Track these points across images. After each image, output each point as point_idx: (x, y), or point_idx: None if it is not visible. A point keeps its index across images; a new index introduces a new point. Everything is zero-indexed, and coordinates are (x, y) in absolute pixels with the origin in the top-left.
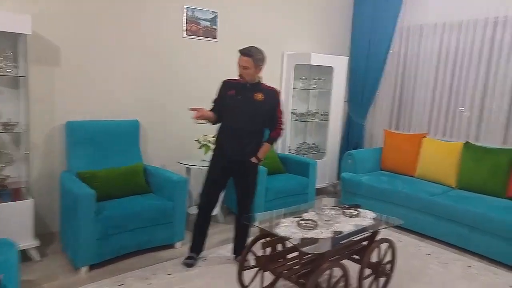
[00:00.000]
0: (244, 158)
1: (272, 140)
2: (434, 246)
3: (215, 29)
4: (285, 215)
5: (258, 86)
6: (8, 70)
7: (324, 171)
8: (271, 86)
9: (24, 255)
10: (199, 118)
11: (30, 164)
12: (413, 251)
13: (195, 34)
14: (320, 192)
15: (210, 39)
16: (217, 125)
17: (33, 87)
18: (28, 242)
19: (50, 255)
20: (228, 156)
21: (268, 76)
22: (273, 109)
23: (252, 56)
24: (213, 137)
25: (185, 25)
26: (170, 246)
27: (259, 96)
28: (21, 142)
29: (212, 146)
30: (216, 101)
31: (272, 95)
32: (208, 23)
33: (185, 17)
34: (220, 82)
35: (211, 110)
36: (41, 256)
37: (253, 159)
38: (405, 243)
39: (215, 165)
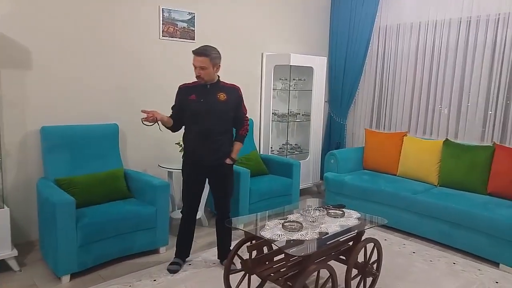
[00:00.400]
0: (219, 161)
1: (242, 138)
2: (419, 244)
3: (193, 30)
4: (270, 217)
5: (218, 85)
6: None
7: (307, 171)
8: (231, 83)
9: (3, 266)
10: (148, 120)
11: (4, 171)
12: (398, 249)
13: (172, 35)
14: (304, 192)
15: (188, 40)
16: (182, 132)
17: (4, 92)
18: (6, 252)
19: (29, 264)
20: (202, 162)
21: (248, 77)
22: (238, 107)
23: (208, 55)
24: (179, 145)
25: (161, 26)
26: (154, 251)
27: (222, 96)
28: None
29: None
30: (175, 108)
31: (235, 92)
32: (185, 24)
33: (161, 18)
34: (177, 88)
35: (169, 117)
36: (20, 266)
37: (228, 161)
38: (390, 242)
39: (190, 172)
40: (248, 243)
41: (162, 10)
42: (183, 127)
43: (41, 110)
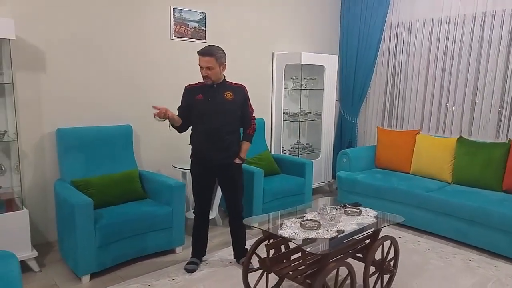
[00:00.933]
0: (228, 161)
1: (250, 137)
2: (433, 241)
3: (204, 30)
4: (286, 216)
5: (225, 84)
6: None
7: (319, 170)
8: (236, 83)
9: (23, 267)
10: (160, 115)
11: (21, 173)
12: (413, 247)
13: (183, 35)
14: (316, 191)
15: (199, 40)
16: (189, 132)
17: (19, 94)
18: (26, 253)
19: (49, 265)
20: (211, 162)
21: (259, 77)
22: (244, 106)
23: (214, 54)
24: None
25: (173, 27)
26: (171, 251)
27: (229, 95)
28: (11, 152)
29: None
30: (182, 109)
31: (241, 92)
32: (196, 24)
33: (172, 18)
34: (183, 89)
35: (178, 117)
36: (40, 267)
37: (237, 160)
38: (404, 240)
39: (200, 173)
40: (266, 242)
41: (173, 10)
42: (190, 128)
43: (56, 112)
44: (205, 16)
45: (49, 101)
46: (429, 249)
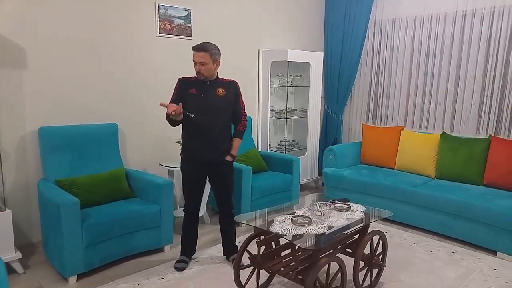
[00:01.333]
0: (220, 158)
1: (241, 134)
2: (418, 235)
3: (189, 27)
4: (277, 213)
5: (217, 81)
6: None
7: (306, 167)
8: (228, 78)
9: (7, 269)
10: (177, 112)
11: (2, 173)
12: (399, 241)
13: (168, 32)
14: (303, 188)
15: (185, 37)
16: (175, 130)
17: (1, 92)
18: (9, 254)
19: (33, 266)
20: (202, 159)
21: (245, 74)
22: (236, 102)
23: (208, 50)
24: (179, 143)
25: (158, 24)
26: (159, 250)
27: (221, 91)
28: None
29: None
30: (174, 101)
31: (233, 87)
32: (181, 21)
33: (157, 15)
34: (177, 81)
35: None
36: (24, 268)
37: (228, 158)
38: (390, 234)
39: (190, 170)
40: (257, 239)
41: (159, 7)
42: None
43: (39, 110)
44: (190, 12)
45: (31, 99)
46: (414, 243)
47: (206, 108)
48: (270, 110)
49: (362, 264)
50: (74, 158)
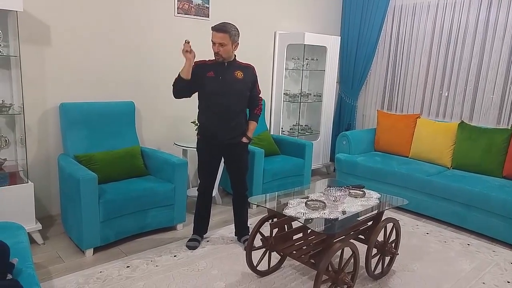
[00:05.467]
0: (236, 140)
1: (257, 117)
2: (431, 225)
3: (207, 7)
4: (290, 196)
5: (235, 63)
6: (0, 50)
7: (318, 152)
8: (246, 62)
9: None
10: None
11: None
12: (412, 230)
13: (186, 12)
14: (313, 173)
15: (203, 17)
16: (196, 110)
17: (24, 68)
18: (30, 225)
19: (52, 238)
20: (219, 140)
21: (260, 56)
22: (253, 86)
23: (228, 31)
24: (194, 123)
25: (177, 3)
26: (172, 228)
27: (239, 74)
28: (16, 125)
29: None
30: (190, 83)
31: (250, 71)
32: (200, 1)
33: None
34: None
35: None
36: (43, 239)
37: (244, 139)
38: (403, 223)
39: (206, 150)
40: (270, 221)
41: None
42: (196, 105)
43: (60, 87)
44: None
45: (53, 75)
46: (427, 233)
47: (225, 90)
48: (284, 93)
49: (374, 251)
50: (92, 134)
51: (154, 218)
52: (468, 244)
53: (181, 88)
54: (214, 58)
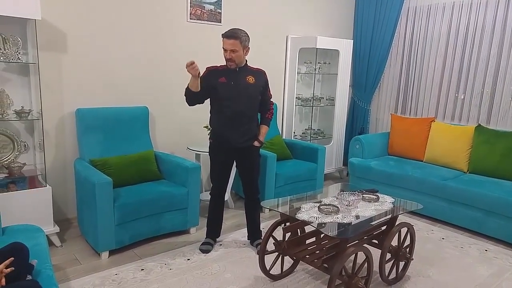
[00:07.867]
0: (248, 143)
1: (268, 122)
2: (447, 230)
3: (219, 12)
4: (302, 200)
5: (246, 68)
6: (20, 57)
7: (330, 156)
8: (256, 67)
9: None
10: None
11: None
12: (427, 235)
13: (199, 18)
14: (326, 177)
15: (215, 23)
16: (203, 115)
17: (42, 75)
18: (48, 228)
19: (69, 240)
20: (231, 144)
21: (273, 60)
22: (265, 90)
23: (239, 37)
24: (207, 128)
25: (189, 9)
26: (185, 231)
27: (251, 79)
28: (34, 130)
29: None
30: (201, 90)
31: (261, 76)
32: (212, 7)
33: (188, 1)
34: (204, 69)
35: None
36: (61, 242)
37: (256, 143)
38: (417, 228)
39: (219, 155)
40: (283, 225)
41: None
42: (208, 110)
43: (76, 92)
44: None
45: (69, 81)
46: (443, 238)
47: (237, 95)
48: (296, 97)
49: (388, 256)
50: (107, 139)
51: (168, 222)
52: (486, 250)
53: (193, 97)
54: (225, 64)
